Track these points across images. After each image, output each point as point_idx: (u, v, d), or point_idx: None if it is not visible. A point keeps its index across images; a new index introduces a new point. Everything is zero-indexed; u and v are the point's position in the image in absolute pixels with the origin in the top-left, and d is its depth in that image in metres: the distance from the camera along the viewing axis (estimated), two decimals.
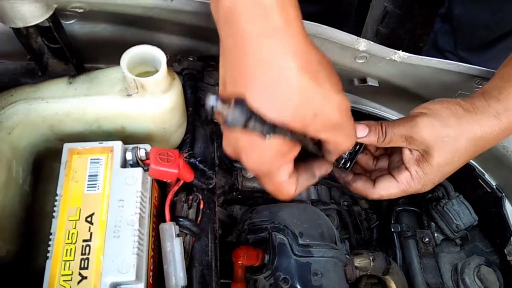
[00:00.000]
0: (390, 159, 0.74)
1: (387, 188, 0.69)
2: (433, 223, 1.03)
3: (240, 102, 0.43)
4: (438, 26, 1.56)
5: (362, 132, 0.65)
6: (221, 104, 0.41)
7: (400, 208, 1.05)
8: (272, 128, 0.46)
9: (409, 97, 0.88)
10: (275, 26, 0.46)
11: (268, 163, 0.53)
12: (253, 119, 0.44)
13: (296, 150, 0.55)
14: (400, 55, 0.73)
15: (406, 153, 0.67)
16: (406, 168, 0.67)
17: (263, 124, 0.45)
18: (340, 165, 0.72)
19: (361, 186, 0.72)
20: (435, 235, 1.02)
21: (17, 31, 0.60)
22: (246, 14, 0.46)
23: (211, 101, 0.41)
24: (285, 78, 0.47)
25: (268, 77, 0.47)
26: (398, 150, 0.70)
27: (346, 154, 0.71)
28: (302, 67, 0.48)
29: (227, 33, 0.49)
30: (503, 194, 0.94)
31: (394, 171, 0.69)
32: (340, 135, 0.55)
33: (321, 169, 0.64)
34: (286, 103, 0.48)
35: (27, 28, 0.60)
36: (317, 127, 0.52)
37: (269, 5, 0.46)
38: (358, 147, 0.71)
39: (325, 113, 0.50)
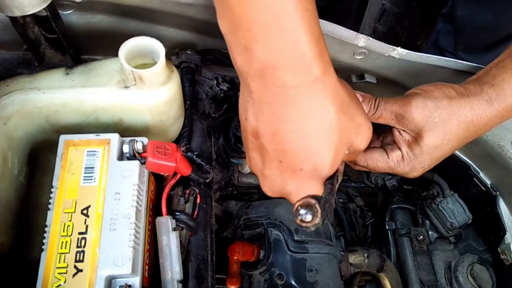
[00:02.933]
0: (383, 142, 0.74)
1: (376, 160, 0.68)
2: (427, 221, 1.03)
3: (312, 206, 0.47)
4: (440, 26, 1.56)
5: None
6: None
7: (395, 206, 1.06)
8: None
9: None
10: (315, 76, 0.48)
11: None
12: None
13: None
14: (399, 52, 0.73)
15: (396, 134, 0.67)
16: (399, 148, 0.67)
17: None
18: None
19: None
20: (429, 233, 1.03)
21: (14, 20, 0.59)
22: (286, 67, 0.46)
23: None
24: (326, 123, 0.50)
25: (311, 125, 0.50)
26: (390, 134, 0.70)
27: None
28: (338, 109, 0.50)
29: (261, 85, 0.49)
30: (498, 193, 0.95)
31: (387, 147, 0.69)
32: (356, 155, 0.64)
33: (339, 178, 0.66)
34: (327, 147, 0.52)
35: (24, 17, 0.59)
36: (348, 156, 0.57)
37: (310, 56, 0.46)
38: None
39: (356, 143, 0.56)
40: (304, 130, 0.50)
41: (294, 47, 0.46)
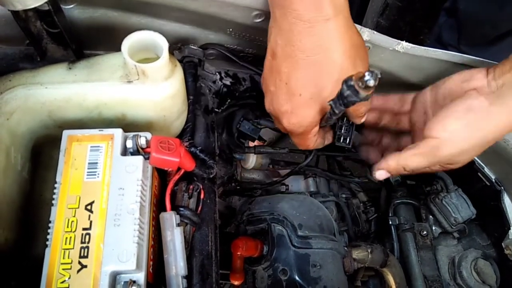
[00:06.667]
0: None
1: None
2: (431, 216, 1.03)
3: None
4: (442, 20, 1.55)
5: None
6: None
7: (398, 201, 1.05)
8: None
9: (410, 89, 0.87)
10: (326, 15, 0.55)
11: (305, 126, 0.66)
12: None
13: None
14: (404, 46, 0.72)
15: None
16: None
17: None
18: (341, 142, 0.76)
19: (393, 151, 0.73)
20: (433, 228, 1.02)
21: (16, 14, 0.59)
22: (300, 3, 0.54)
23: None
24: (331, 59, 0.58)
25: (317, 58, 0.57)
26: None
27: (343, 130, 0.76)
28: (345, 51, 0.58)
29: (282, 14, 0.57)
30: (502, 187, 0.94)
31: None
32: (362, 105, 0.68)
33: (329, 138, 0.75)
34: (326, 81, 0.59)
35: (26, 11, 0.59)
36: None
37: None
38: (351, 122, 0.75)
39: None
40: (310, 61, 0.58)
41: None
